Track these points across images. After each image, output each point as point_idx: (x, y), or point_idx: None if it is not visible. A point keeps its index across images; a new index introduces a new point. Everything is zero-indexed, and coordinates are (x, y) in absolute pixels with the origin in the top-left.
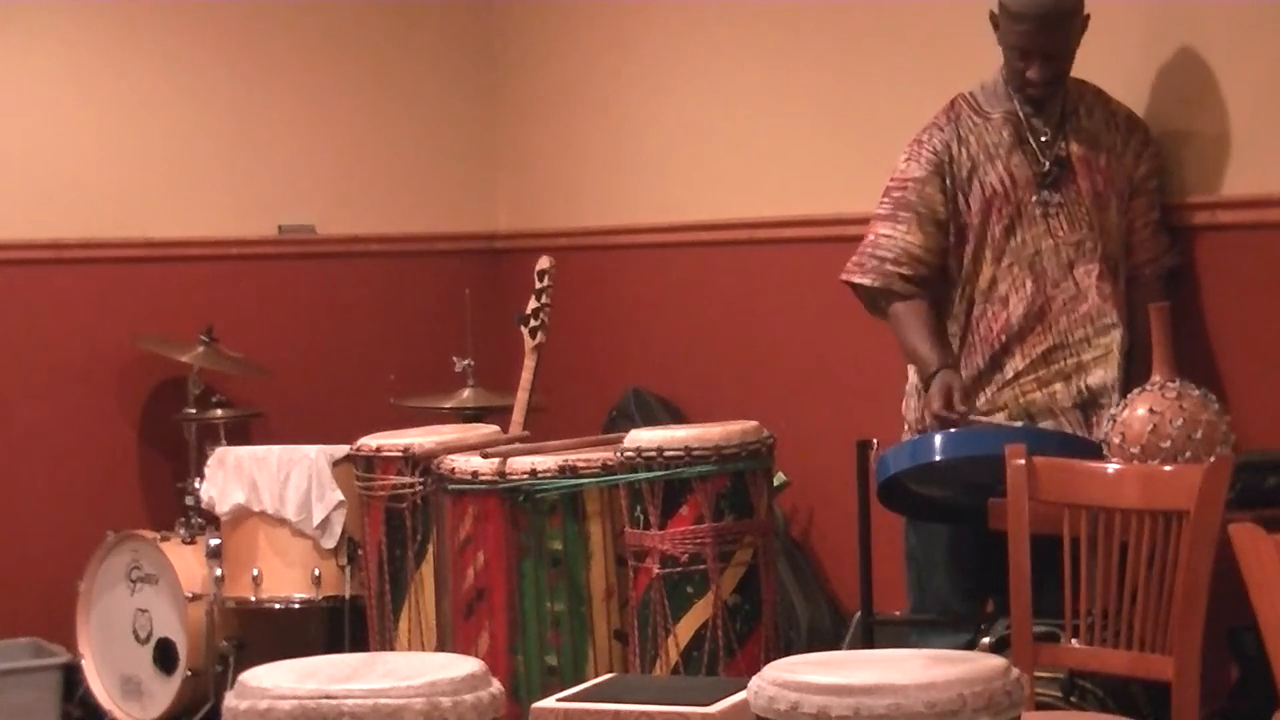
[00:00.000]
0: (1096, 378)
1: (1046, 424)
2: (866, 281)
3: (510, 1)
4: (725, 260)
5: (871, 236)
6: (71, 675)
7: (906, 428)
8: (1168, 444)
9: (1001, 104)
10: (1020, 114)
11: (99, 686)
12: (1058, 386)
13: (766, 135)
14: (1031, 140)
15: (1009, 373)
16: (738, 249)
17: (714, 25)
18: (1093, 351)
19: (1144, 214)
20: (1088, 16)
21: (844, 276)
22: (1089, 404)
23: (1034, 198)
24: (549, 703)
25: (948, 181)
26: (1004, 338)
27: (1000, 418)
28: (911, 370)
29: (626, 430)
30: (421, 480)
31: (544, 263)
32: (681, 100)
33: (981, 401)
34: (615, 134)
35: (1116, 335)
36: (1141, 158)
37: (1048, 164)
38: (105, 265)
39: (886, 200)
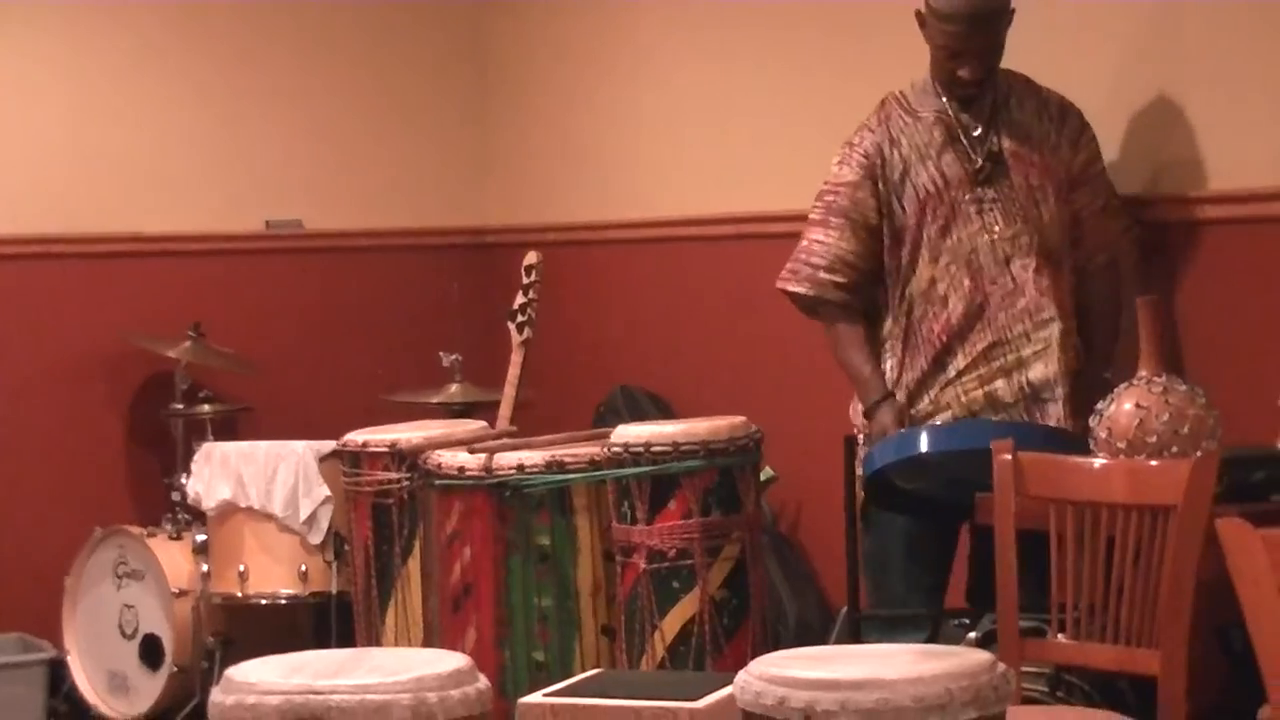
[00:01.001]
0: (1037, 372)
1: (1000, 418)
2: (801, 290)
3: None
4: (715, 255)
5: (805, 243)
6: (57, 670)
7: (857, 431)
8: (1154, 439)
9: (932, 103)
10: (950, 112)
11: (85, 682)
12: (999, 383)
13: (754, 130)
14: (963, 138)
15: (951, 372)
16: (727, 244)
17: (701, 20)
18: (1032, 346)
19: (1088, 202)
20: (1013, 10)
21: (779, 284)
22: (1032, 399)
23: (968, 195)
24: (536, 698)
25: (880, 185)
26: (945, 337)
27: (945, 417)
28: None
29: (615, 426)
30: (408, 476)
31: (531, 258)
32: (671, 96)
33: (925, 402)
34: (605, 129)
35: (1055, 329)
36: (1078, 145)
37: (980, 160)
38: (93, 261)
39: (819, 205)
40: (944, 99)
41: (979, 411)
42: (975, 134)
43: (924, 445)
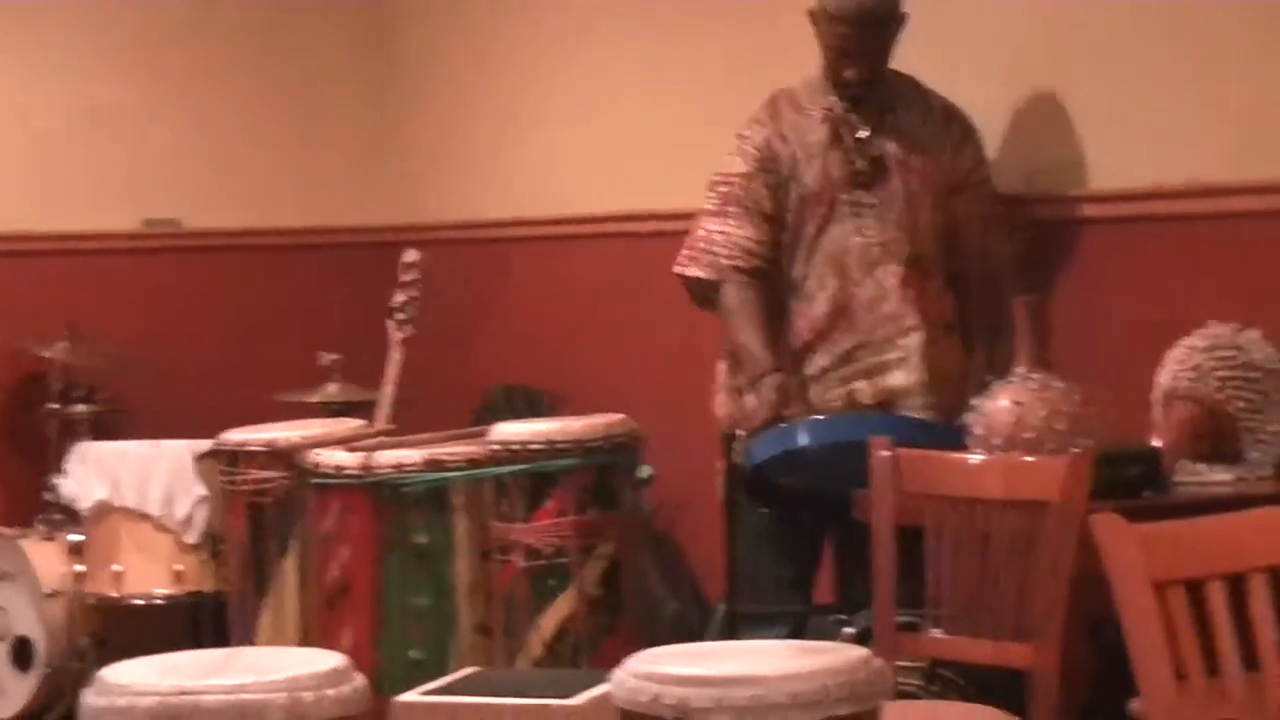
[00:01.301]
0: (898, 380)
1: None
2: (702, 274)
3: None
4: (596, 254)
5: (702, 232)
6: None
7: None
8: (1031, 435)
9: (821, 101)
10: (838, 111)
11: None
12: (859, 384)
13: (640, 129)
14: (848, 139)
15: (814, 369)
16: (609, 242)
17: (586, 22)
18: (895, 353)
19: (969, 209)
20: (905, 15)
21: (677, 269)
22: (889, 405)
23: (846, 197)
24: (412, 696)
25: (771, 179)
26: (810, 335)
27: (802, 413)
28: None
29: (493, 423)
30: (286, 475)
31: (410, 255)
32: (554, 97)
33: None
34: (489, 129)
35: (917, 338)
36: (961, 152)
37: (863, 163)
38: None
39: (714, 196)
40: (833, 98)
41: (838, 411)
42: (860, 136)
43: (803, 439)
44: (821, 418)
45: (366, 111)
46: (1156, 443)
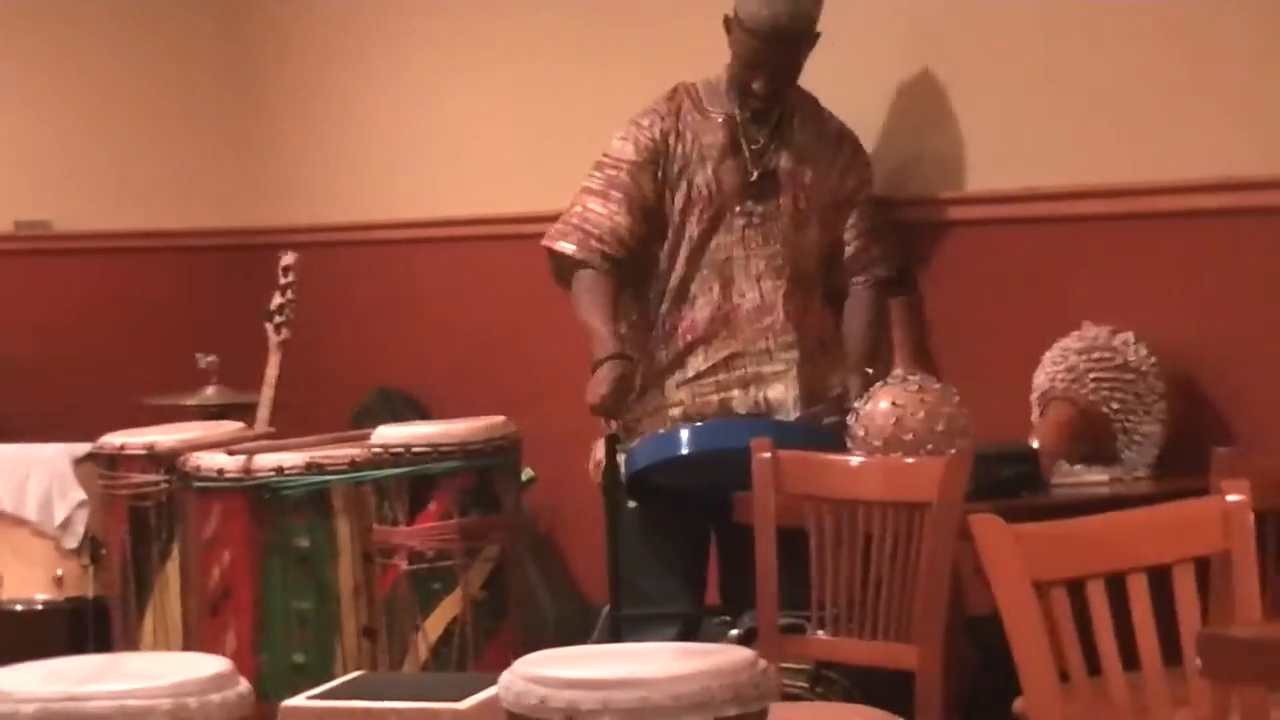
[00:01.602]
0: (776, 392)
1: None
2: (569, 249)
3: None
4: (472, 257)
5: (579, 209)
6: None
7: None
8: (910, 436)
9: (723, 105)
10: (738, 119)
11: None
12: (735, 393)
13: (510, 134)
14: (745, 148)
15: (690, 372)
16: (484, 244)
17: (460, 26)
18: (774, 365)
19: (853, 226)
20: (818, 34)
21: (545, 242)
22: (765, 415)
23: (737, 207)
24: (299, 701)
25: (659, 173)
26: (689, 337)
27: (675, 413)
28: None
29: (373, 427)
30: (166, 478)
31: (288, 258)
32: (429, 98)
33: (657, 394)
34: (363, 132)
35: (796, 354)
36: (849, 172)
37: (756, 174)
38: None
39: (598, 175)
40: (736, 106)
41: (709, 417)
42: (756, 146)
43: (684, 446)
44: (701, 424)
45: (241, 114)
46: (1034, 443)
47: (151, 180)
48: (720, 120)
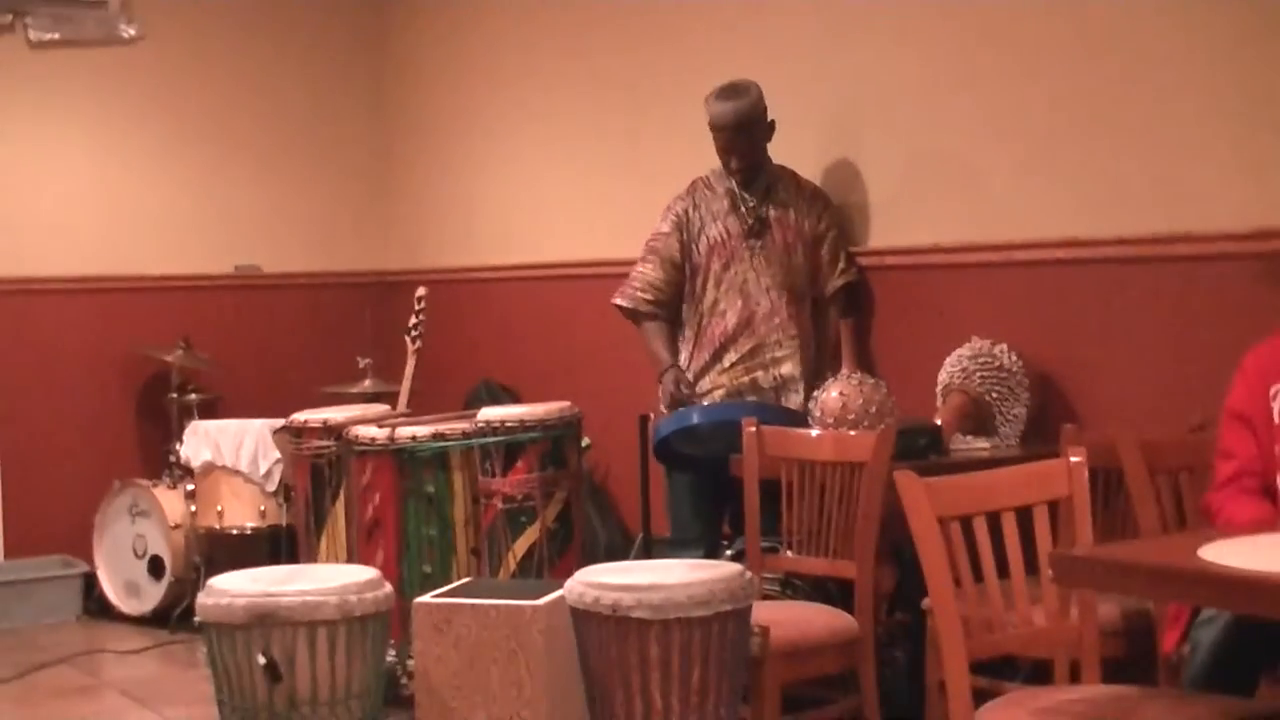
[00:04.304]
0: (787, 369)
1: (752, 399)
2: (623, 304)
3: (399, 102)
4: (551, 290)
5: (633, 273)
6: (90, 581)
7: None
8: (853, 416)
9: (723, 183)
10: (735, 189)
11: (109, 588)
12: (760, 373)
13: (583, 198)
14: (742, 206)
15: (727, 363)
16: (559, 282)
17: (545, 110)
18: (784, 351)
19: (825, 256)
20: (773, 122)
21: (613, 301)
22: (781, 387)
23: (744, 245)
24: (426, 599)
25: (685, 235)
26: (723, 339)
27: (720, 394)
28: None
29: (479, 408)
30: (335, 444)
31: (420, 291)
32: (523, 170)
33: (707, 382)
34: (474, 199)
35: (796, 343)
36: (821, 218)
37: (752, 221)
38: (114, 294)
39: (645, 247)
40: (731, 181)
41: (744, 391)
42: (750, 204)
43: (695, 418)
44: (708, 404)
45: (388, 187)
46: (938, 421)
47: (329, 234)
48: (723, 191)
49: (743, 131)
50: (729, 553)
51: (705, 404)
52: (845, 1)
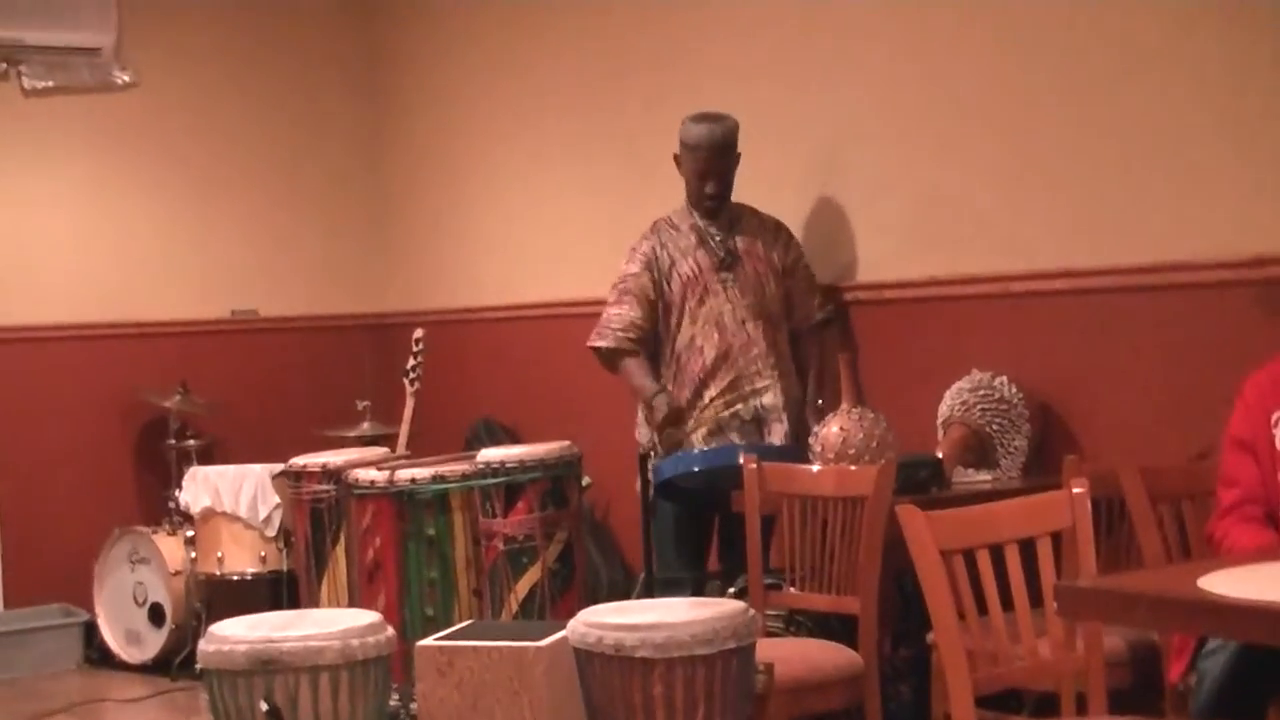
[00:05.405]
0: (768, 399)
1: (733, 434)
2: (604, 344)
3: (395, 145)
4: (547, 327)
5: (605, 315)
6: (90, 630)
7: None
8: (853, 450)
9: (687, 219)
10: (699, 224)
11: (109, 636)
12: (740, 406)
13: (574, 242)
14: (710, 240)
15: (707, 399)
16: (555, 320)
17: (535, 162)
18: (763, 381)
19: (796, 286)
20: (739, 154)
21: (589, 343)
22: (761, 418)
23: (715, 278)
24: (429, 642)
25: (655, 273)
26: (702, 375)
27: (702, 432)
28: (640, 410)
29: (479, 449)
30: (335, 487)
31: (419, 333)
32: (514, 217)
33: (691, 422)
34: (468, 243)
35: (775, 373)
36: (787, 249)
37: (722, 253)
38: (111, 340)
39: (615, 289)
40: (695, 216)
41: (726, 423)
42: (718, 238)
43: (697, 465)
44: (709, 449)
45: (383, 233)
46: (939, 454)
47: (325, 277)
48: (688, 228)
49: (721, 155)
50: (731, 590)
51: (704, 449)
52: (840, 36)
